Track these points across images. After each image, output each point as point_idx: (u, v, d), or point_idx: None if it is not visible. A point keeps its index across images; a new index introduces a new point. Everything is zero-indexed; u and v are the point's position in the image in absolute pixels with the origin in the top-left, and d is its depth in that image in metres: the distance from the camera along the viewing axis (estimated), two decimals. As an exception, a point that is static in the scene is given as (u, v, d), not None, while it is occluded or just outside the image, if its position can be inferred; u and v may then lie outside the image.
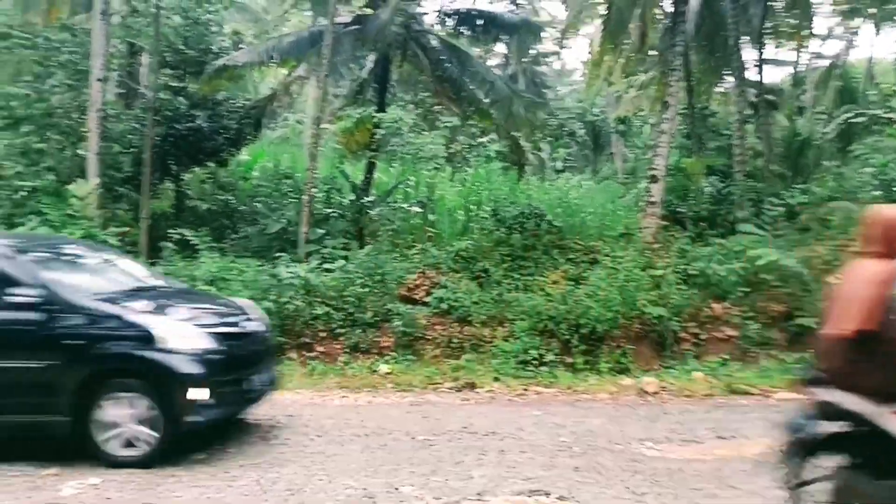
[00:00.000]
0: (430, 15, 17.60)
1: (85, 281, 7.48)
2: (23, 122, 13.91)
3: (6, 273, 6.87)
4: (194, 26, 15.54)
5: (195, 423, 6.72)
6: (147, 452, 6.60)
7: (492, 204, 15.09)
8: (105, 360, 6.71)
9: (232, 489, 6.00)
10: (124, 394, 6.65)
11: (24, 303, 6.68)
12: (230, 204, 15.77)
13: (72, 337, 6.67)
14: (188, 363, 6.65)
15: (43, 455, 6.79)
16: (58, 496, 5.87)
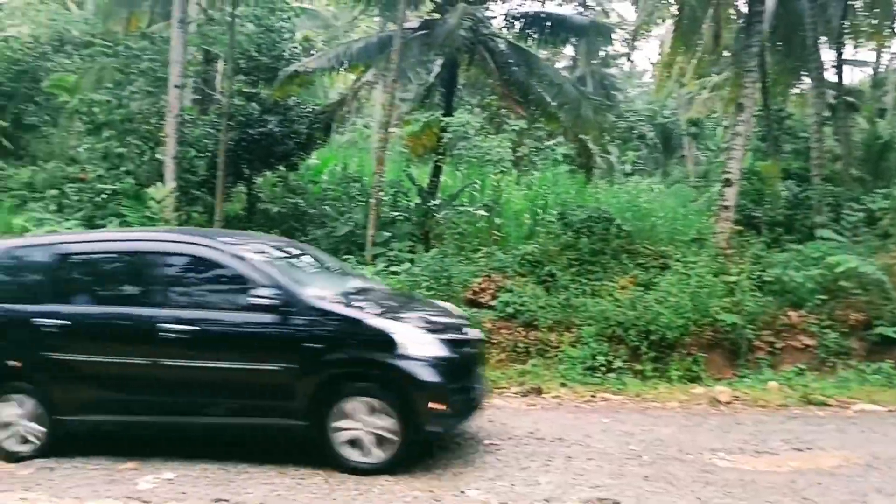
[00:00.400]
0: (497, 18, 17.62)
1: (311, 281, 7.26)
2: (104, 128, 14.50)
3: (242, 274, 6.74)
4: (267, 33, 15.92)
5: (434, 432, 6.60)
6: (385, 459, 6.40)
7: (559, 207, 14.96)
8: (345, 365, 6.54)
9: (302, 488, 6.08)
10: (362, 399, 6.43)
11: (262, 304, 6.48)
12: (299, 207, 16.08)
13: (310, 339, 6.48)
14: (429, 370, 6.39)
15: (120, 450, 7.00)
16: (135, 490, 6.04)
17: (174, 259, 7.05)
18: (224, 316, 6.73)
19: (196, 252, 7.00)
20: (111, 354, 6.85)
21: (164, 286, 6.92)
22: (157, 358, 6.68)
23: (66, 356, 6.89)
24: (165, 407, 6.75)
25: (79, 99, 15.29)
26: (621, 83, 38.27)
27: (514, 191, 18.09)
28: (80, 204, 13.99)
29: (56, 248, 7.42)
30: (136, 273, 7.11)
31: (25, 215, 14.16)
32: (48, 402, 6.98)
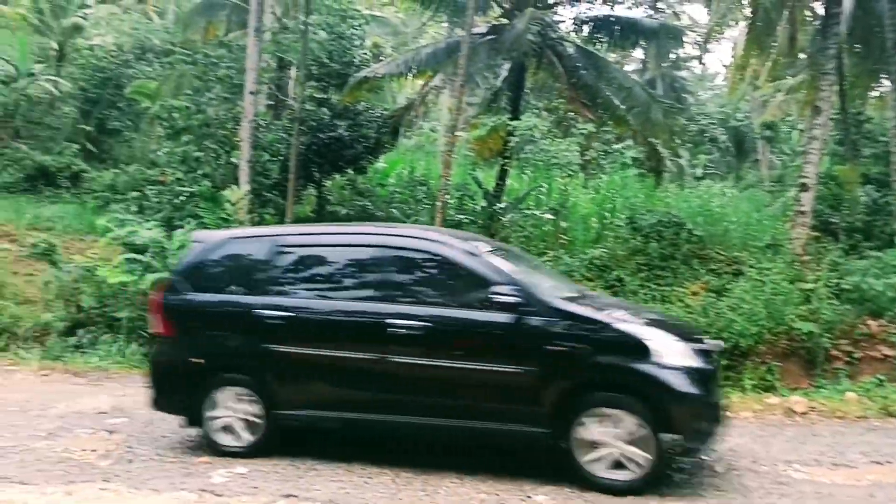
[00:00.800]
0: (565, 22, 17.56)
1: (541, 280, 7.00)
2: (183, 133, 15.00)
3: (477, 272, 6.50)
4: (338, 41, 16.21)
5: (693, 448, 6.07)
6: (638, 477, 5.91)
7: (627, 211, 14.80)
8: (593, 371, 6.14)
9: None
10: (609, 410, 5.97)
11: (502, 303, 6.17)
12: (367, 209, 16.30)
13: (553, 342, 6.12)
14: (688, 382, 5.96)
15: (195, 443, 7.24)
16: (209, 483, 6.20)
17: (404, 254, 6.84)
18: (456, 313, 6.47)
19: (428, 248, 6.81)
20: (335, 349, 6.70)
21: (393, 281, 6.74)
22: (385, 354, 6.47)
23: (288, 349, 6.78)
24: (391, 406, 6.51)
25: (159, 105, 15.89)
26: (693, 86, 37.65)
27: (581, 194, 17.97)
28: (160, 205, 14.49)
29: (278, 240, 7.33)
30: (364, 267, 6.93)
31: (108, 216, 14.70)
32: (266, 396, 6.84)
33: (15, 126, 26.07)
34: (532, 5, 15.54)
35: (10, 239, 17.62)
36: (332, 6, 16.71)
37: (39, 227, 18.62)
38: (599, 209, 16.49)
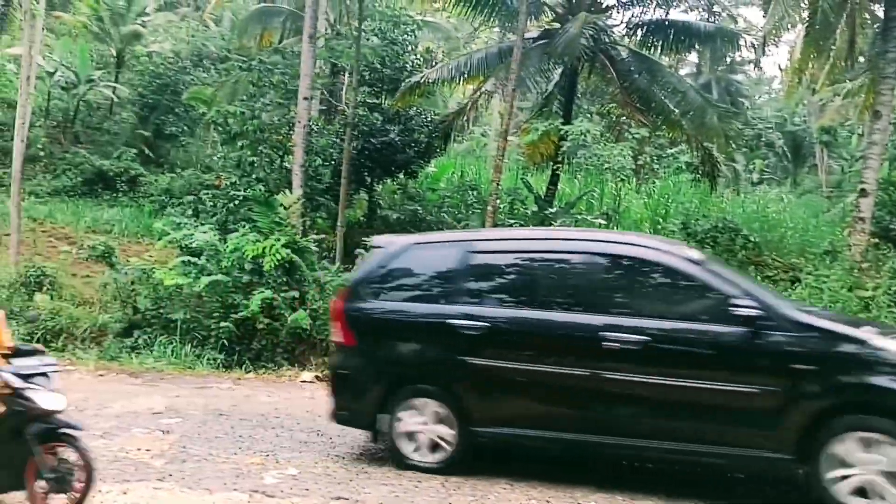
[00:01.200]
0: (619, 26, 17.40)
1: (767, 292, 6.47)
2: (238, 138, 15.22)
3: (707, 283, 6.01)
4: (391, 46, 16.37)
5: None
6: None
7: (681, 217, 14.59)
8: (847, 391, 5.56)
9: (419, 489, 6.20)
10: (871, 434, 5.32)
11: (738, 315, 5.65)
12: (418, 213, 16.39)
13: (800, 360, 5.56)
14: None
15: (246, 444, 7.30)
16: (261, 484, 6.21)
17: (621, 262, 6.37)
18: (681, 326, 5.92)
19: (647, 256, 6.35)
20: (541, 363, 6.18)
21: (607, 291, 6.27)
22: (598, 370, 5.96)
23: (487, 362, 6.29)
24: (603, 426, 6.02)
25: (215, 110, 16.15)
26: (748, 90, 37.00)
27: (633, 199, 17.78)
28: (215, 209, 14.72)
29: (471, 246, 6.90)
30: (572, 276, 6.47)
31: (164, 219, 14.99)
32: (462, 411, 6.36)
33: (75, 131, 26.88)
34: (585, 9, 15.44)
35: (69, 241, 18.09)
36: (384, 12, 16.89)
37: (98, 230, 19.11)
38: (652, 214, 16.29)
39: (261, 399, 9.37)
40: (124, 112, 27.04)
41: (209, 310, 11.69)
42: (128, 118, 26.34)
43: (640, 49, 17.14)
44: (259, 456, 6.94)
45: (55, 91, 26.68)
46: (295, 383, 10.50)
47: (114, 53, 29.23)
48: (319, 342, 11.39)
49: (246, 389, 9.84)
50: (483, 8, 16.50)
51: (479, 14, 16.91)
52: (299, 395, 9.72)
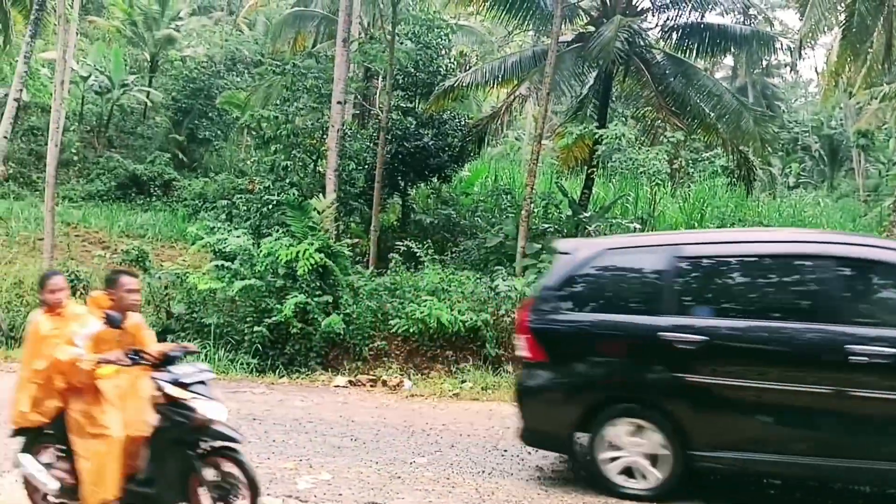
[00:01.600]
0: (654, 30, 17.21)
1: None
2: (272, 142, 15.27)
3: None
4: (424, 50, 16.34)
5: None
6: None
7: (716, 221, 14.37)
8: None
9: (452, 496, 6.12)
10: None
11: None
12: (451, 218, 16.32)
13: None
14: None
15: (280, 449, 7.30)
16: (294, 489, 6.21)
17: (868, 266, 5.89)
18: None
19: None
20: (771, 379, 5.64)
21: (853, 298, 5.80)
22: (844, 386, 5.44)
23: (707, 379, 5.76)
24: (853, 450, 5.49)
25: (249, 115, 16.23)
26: (785, 93, 36.51)
27: (669, 203, 17.58)
28: (248, 213, 14.78)
29: (679, 250, 6.27)
30: (806, 283, 5.95)
31: (198, 224, 15.06)
32: (677, 434, 5.82)
33: (108, 135, 27.20)
34: (620, 13, 15.29)
35: (103, 246, 18.31)
36: (418, 16, 16.85)
37: (131, 234, 19.33)
38: (687, 218, 16.08)
39: (294, 404, 9.37)
40: (158, 116, 27.34)
41: (242, 314, 11.71)
42: (161, 122, 26.61)
43: (676, 52, 16.93)
44: (292, 461, 6.93)
45: (89, 95, 27.04)
46: (328, 388, 10.49)
47: (147, 58, 29.60)
48: (353, 347, 11.38)
49: (279, 394, 9.85)
50: (517, 11, 16.39)
51: (514, 18, 16.81)
52: (332, 399, 9.70)
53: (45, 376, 4.91)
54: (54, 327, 5.01)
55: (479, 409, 9.36)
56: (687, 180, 20.88)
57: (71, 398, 4.91)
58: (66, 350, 4.83)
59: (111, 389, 4.90)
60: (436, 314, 10.91)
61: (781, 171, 28.01)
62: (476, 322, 10.93)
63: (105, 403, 4.86)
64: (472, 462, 6.99)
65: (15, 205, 20.90)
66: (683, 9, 16.76)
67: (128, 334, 5.12)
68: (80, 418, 4.85)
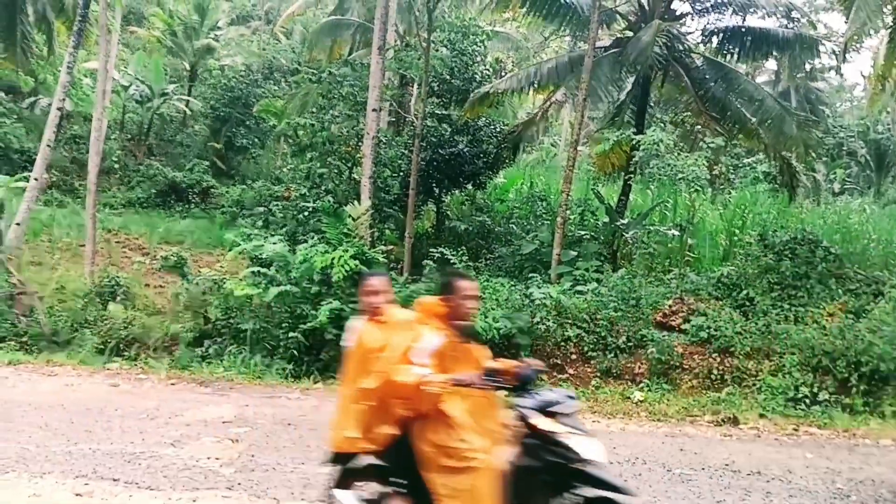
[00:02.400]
0: (693, 34, 16.98)
1: None
2: (308, 150, 15.35)
3: None
4: (460, 57, 16.30)
5: None
6: None
7: (758, 228, 14.09)
8: None
9: None
10: None
11: None
12: (486, 225, 16.25)
13: None
14: None
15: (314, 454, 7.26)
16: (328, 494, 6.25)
17: None
18: None
19: None
20: None
21: None
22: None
23: None
24: None
25: (285, 123, 16.35)
26: (829, 97, 35.74)
27: (709, 210, 17.30)
28: (285, 220, 14.86)
29: None
30: None
31: (235, 230, 15.21)
32: None
33: (149, 144, 27.70)
34: (658, 17, 15.10)
35: (143, 252, 18.58)
36: (454, 23, 16.83)
37: (171, 240, 19.58)
38: (728, 226, 15.80)
39: (328, 409, 9.23)
40: (197, 125, 27.74)
41: (278, 320, 11.76)
42: (200, 131, 26.99)
43: (716, 57, 16.66)
44: (329, 465, 6.92)
45: (130, 105, 27.54)
46: (363, 394, 10.44)
47: (187, 67, 30.09)
48: (387, 353, 11.33)
49: (314, 400, 9.85)
50: (554, 17, 16.27)
51: (550, 23, 16.70)
52: (366, 405, 9.66)
53: (378, 397, 4.24)
54: (381, 338, 4.36)
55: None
56: (728, 186, 20.54)
57: (415, 426, 4.18)
58: (408, 370, 4.08)
59: (459, 412, 4.11)
60: (470, 321, 10.82)
61: (826, 177, 27.41)
62: (510, 329, 10.84)
63: (460, 429, 4.07)
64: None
65: (58, 212, 21.30)
66: (724, 12, 16.50)
67: (465, 349, 4.34)
68: (432, 449, 4.10)
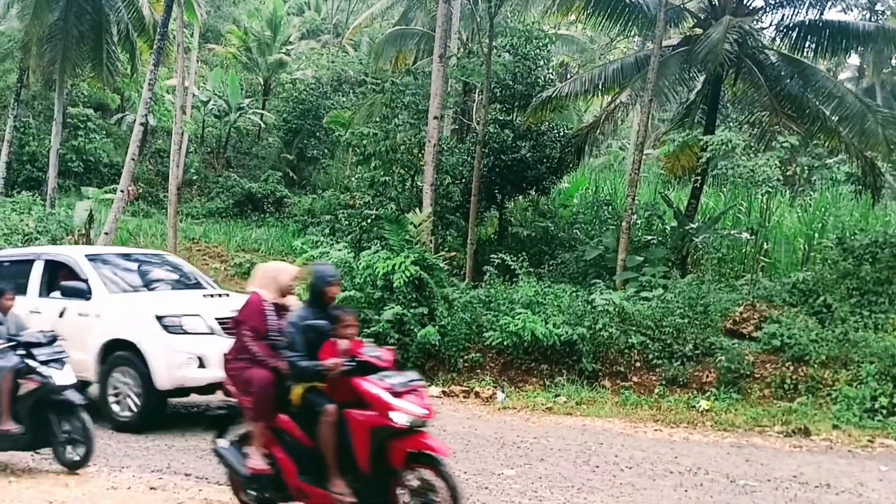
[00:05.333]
0: (768, 29, 16.37)
1: None
2: (372, 158, 15.52)
3: None
4: (523, 62, 16.17)
5: None
6: None
7: (837, 231, 13.45)
8: None
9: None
10: None
11: None
12: (549, 231, 16.06)
13: None
14: None
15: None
16: None
17: None
18: None
19: None
20: None
21: None
22: None
23: None
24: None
25: (350, 132, 16.59)
26: (918, 94, 33.96)
27: (785, 213, 16.66)
28: (350, 228, 15.07)
29: None
30: None
31: (304, 238, 15.50)
32: None
33: (227, 156, 28.70)
34: (730, 13, 14.63)
35: (220, 259, 19.22)
36: (516, 28, 16.72)
37: (247, 248, 20.21)
38: (806, 229, 15.17)
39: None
40: (270, 137, 28.60)
41: (343, 325, 11.86)
42: (274, 143, 27.80)
43: (792, 53, 16.01)
44: None
45: (209, 119, 28.56)
46: (423, 398, 10.46)
47: (261, 81, 31.06)
48: (447, 358, 11.33)
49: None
50: (619, 17, 15.93)
51: (616, 24, 16.37)
52: (425, 409, 9.65)
53: None
54: None
55: (573, 423, 9.17)
56: (808, 188, 19.76)
57: None
58: None
59: None
60: (530, 327, 10.71)
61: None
62: (572, 336, 10.64)
63: None
64: (561, 476, 6.83)
65: (144, 222, 22.30)
66: (800, 7, 15.84)
67: None
68: None
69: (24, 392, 6.69)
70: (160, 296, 9.15)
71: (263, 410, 5.21)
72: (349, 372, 4.91)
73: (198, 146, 28.34)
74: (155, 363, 8.04)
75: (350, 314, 5.26)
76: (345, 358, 4.97)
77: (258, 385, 5.19)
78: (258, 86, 31.74)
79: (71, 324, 8.35)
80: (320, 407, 4.93)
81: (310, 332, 5.10)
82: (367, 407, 4.84)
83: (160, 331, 8.13)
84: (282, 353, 5.19)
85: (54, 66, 21.52)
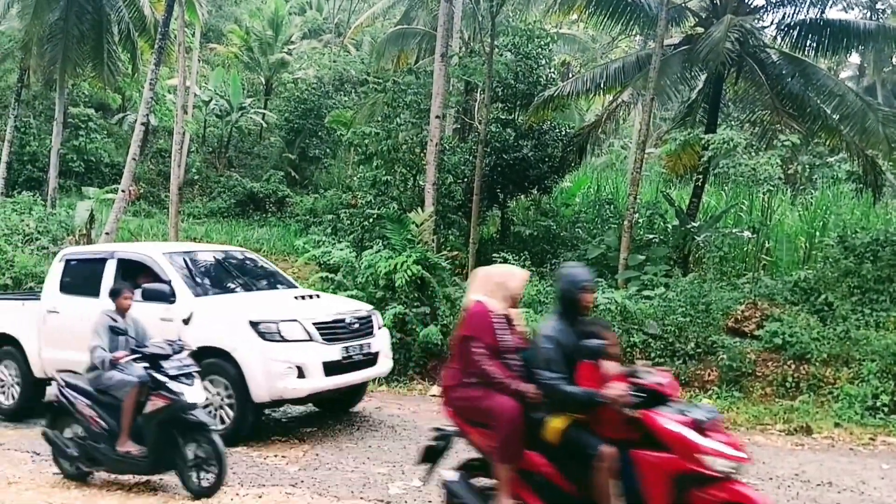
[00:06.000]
0: (769, 28, 16.39)
1: None
2: (374, 158, 15.55)
3: None
4: (524, 61, 16.19)
5: None
6: None
7: (838, 230, 13.48)
8: None
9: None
10: None
11: None
12: (551, 230, 16.09)
13: None
14: None
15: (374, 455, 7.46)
16: (386, 493, 6.39)
17: None
18: None
19: None
20: None
21: None
22: None
23: None
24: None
25: (351, 132, 16.62)
26: (919, 92, 33.99)
27: (786, 211, 16.68)
28: (352, 227, 15.10)
29: None
30: None
31: (306, 237, 15.54)
32: None
33: (228, 156, 28.73)
34: (731, 12, 14.66)
35: (222, 259, 19.16)
36: (518, 27, 16.74)
37: (249, 247, 20.11)
38: (808, 227, 15.19)
39: (391, 411, 9.51)
40: (272, 137, 28.62)
41: (345, 323, 11.89)
42: (275, 142, 27.83)
43: (793, 51, 16.03)
44: (386, 466, 7.12)
45: (211, 119, 28.59)
46: (425, 397, 10.56)
47: (263, 81, 31.10)
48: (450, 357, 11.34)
49: (377, 401, 9.97)
50: (621, 16, 15.93)
51: (617, 23, 16.39)
52: (428, 408, 9.69)
53: None
54: None
55: (575, 423, 9.16)
56: (809, 187, 19.78)
57: None
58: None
59: None
60: (533, 326, 10.73)
61: (915, 176, 26.05)
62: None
63: None
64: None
65: (145, 221, 22.32)
66: (801, 5, 15.86)
67: None
68: None
69: (151, 410, 6.08)
70: (250, 298, 8.56)
71: (514, 450, 4.36)
72: (638, 405, 4.11)
73: (199, 146, 28.38)
74: (251, 374, 7.45)
75: (609, 328, 4.48)
76: (623, 386, 4.13)
77: (507, 418, 4.35)
78: (260, 85, 31.79)
79: (153, 330, 7.33)
80: (593, 450, 4.12)
81: (575, 352, 4.29)
82: (658, 447, 4.06)
83: (256, 338, 7.54)
84: (538, 374, 4.34)
85: (55, 66, 21.57)
